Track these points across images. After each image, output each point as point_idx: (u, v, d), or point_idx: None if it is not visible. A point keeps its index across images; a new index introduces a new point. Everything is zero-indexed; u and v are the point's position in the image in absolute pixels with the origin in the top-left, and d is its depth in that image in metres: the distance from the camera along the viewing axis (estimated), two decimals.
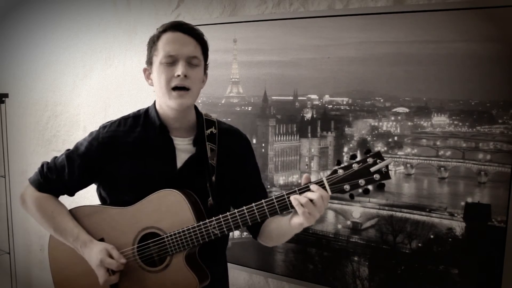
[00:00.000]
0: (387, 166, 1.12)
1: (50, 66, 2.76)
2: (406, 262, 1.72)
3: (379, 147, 1.76)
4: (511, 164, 1.52)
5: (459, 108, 1.61)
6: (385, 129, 1.75)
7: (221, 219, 1.26)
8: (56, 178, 1.41)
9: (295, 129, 1.94)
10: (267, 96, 1.97)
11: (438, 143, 1.67)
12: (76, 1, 2.58)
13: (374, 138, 1.77)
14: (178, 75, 1.27)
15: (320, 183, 1.16)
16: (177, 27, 1.32)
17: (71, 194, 1.47)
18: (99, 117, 2.58)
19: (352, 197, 1.17)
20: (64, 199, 1.49)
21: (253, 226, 1.42)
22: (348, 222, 1.83)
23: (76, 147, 1.43)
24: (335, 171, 1.16)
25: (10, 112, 2.90)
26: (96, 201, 1.50)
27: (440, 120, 1.65)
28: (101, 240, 1.38)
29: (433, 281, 1.67)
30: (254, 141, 2.03)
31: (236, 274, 2.13)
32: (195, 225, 1.28)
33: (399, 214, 1.73)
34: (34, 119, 2.89)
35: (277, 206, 1.20)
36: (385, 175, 1.12)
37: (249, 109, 2.04)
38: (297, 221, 1.19)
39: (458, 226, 1.62)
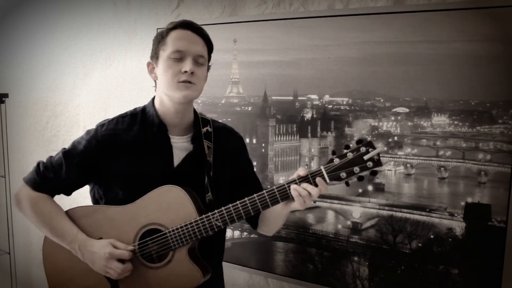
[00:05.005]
0: (378, 154, 1.20)
1: (50, 66, 2.75)
2: (406, 262, 1.72)
3: (379, 147, 1.75)
4: (511, 164, 1.52)
5: (459, 108, 1.61)
6: (385, 129, 1.75)
7: (224, 211, 1.28)
8: (54, 177, 1.40)
9: (295, 129, 1.94)
10: (267, 96, 1.97)
11: (438, 143, 1.67)
12: (76, 1, 2.58)
13: (374, 138, 1.77)
14: (186, 71, 1.29)
15: (318, 172, 1.23)
16: (188, 25, 1.35)
17: (68, 193, 1.45)
18: (99, 117, 2.57)
19: (347, 184, 1.25)
20: (59, 199, 1.48)
21: (252, 217, 1.42)
22: (348, 222, 1.83)
23: (74, 145, 1.42)
24: (331, 160, 1.23)
25: (10, 112, 2.90)
26: (90, 202, 1.49)
27: (440, 120, 1.65)
28: (100, 239, 1.37)
29: (433, 281, 1.67)
30: (254, 141, 2.03)
31: (236, 274, 2.13)
32: (198, 218, 1.29)
33: (399, 214, 1.73)
34: (34, 119, 2.89)
35: (278, 196, 1.26)
36: (377, 162, 1.20)
37: (249, 109, 2.04)
38: (292, 207, 1.27)
39: (458, 226, 1.62)
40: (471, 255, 1.60)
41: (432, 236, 1.67)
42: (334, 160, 1.22)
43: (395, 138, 1.74)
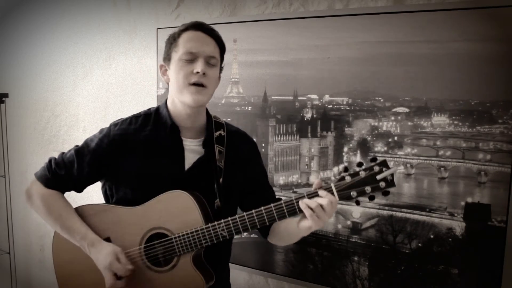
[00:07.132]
0: (392, 174, 1.16)
1: (50, 66, 2.76)
2: (406, 262, 1.72)
3: (379, 147, 1.76)
4: (511, 164, 1.52)
5: (459, 108, 1.61)
6: (385, 129, 1.75)
7: (230, 221, 1.27)
8: (65, 174, 1.40)
9: (295, 129, 1.94)
10: (267, 96, 1.97)
11: (438, 143, 1.67)
12: (76, 1, 2.58)
13: (374, 138, 1.77)
14: (197, 72, 1.29)
15: (328, 189, 1.19)
16: (199, 26, 1.35)
17: (79, 190, 1.46)
18: (99, 117, 2.59)
19: (358, 203, 1.20)
20: (70, 195, 1.48)
21: (263, 227, 1.42)
22: (348, 222, 1.83)
23: (86, 143, 1.42)
24: (342, 178, 1.19)
25: (10, 112, 2.90)
26: (95, 200, 1.49)
27: (440, 120, 1.65)
28: (107, 239, 1.38)
29: (433, 281, 1.67)
30: (254, 141, 2.02)
31: (236, 274, 2.13)
32: (204, 226, 1.28)
33: (399, 214, 1.73)
34: (34, 119, 2.89)
35: (285, 210, 1.22)
36: (390, 183, 1.16)
37: (249, 109, 2.04)
38: (306, 225, 1.21)
39: (458, 226, 1.62)
40: (471, 255, 1.60)
41: (432, 236, 1.67)
42: (346, 178, 1.18)
43: (395, 138, 1.74)
